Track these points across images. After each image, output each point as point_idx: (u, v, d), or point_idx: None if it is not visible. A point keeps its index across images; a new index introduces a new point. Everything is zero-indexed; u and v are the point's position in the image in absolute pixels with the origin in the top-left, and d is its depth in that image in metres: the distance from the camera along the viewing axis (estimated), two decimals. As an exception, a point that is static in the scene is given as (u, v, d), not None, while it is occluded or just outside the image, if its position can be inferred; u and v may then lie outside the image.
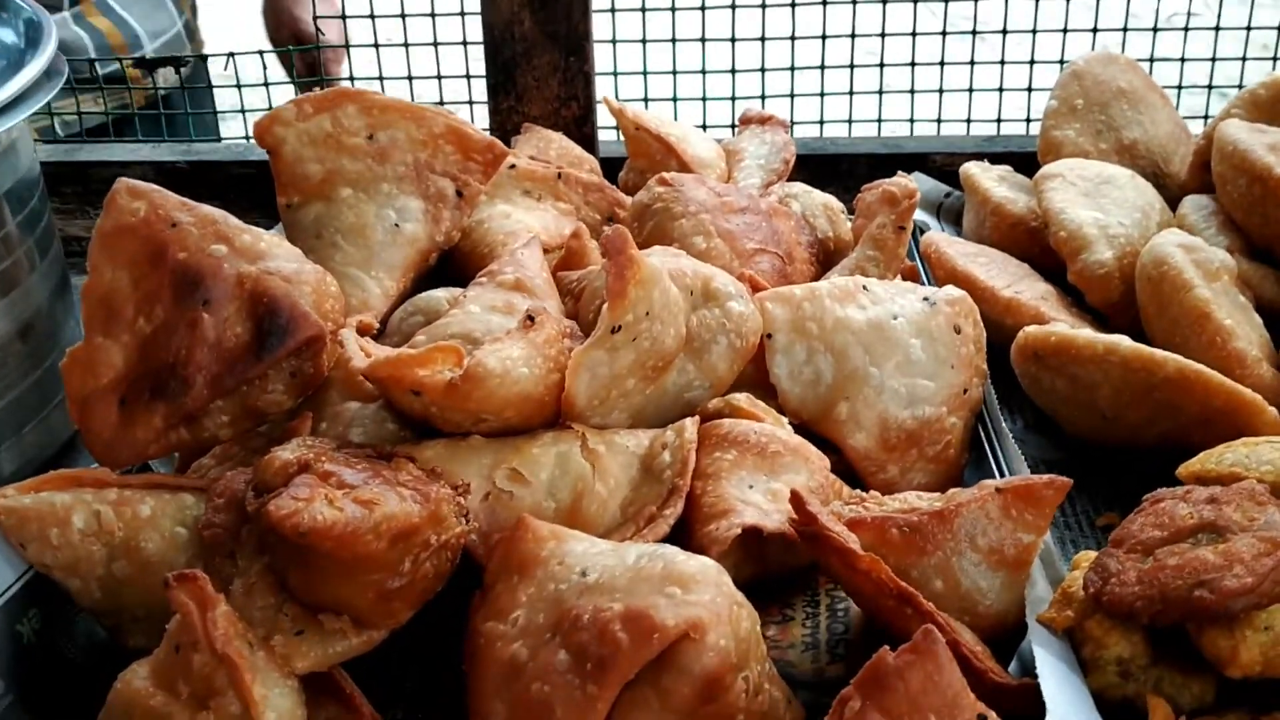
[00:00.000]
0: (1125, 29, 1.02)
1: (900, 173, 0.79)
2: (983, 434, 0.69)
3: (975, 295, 0.77)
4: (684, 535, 0.58)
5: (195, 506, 0.60)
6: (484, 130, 0.95)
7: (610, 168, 0.93)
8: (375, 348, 0.62)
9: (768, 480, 0.60)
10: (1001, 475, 0.65)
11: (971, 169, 0.90)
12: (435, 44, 1.00)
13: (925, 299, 0.69)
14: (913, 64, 1.00)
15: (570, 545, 0.54)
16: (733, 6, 0.98)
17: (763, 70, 1.00)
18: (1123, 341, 0.68)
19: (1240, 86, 0.93)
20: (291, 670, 0.52)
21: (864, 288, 0.69)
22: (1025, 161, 0.92)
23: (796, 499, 0.56)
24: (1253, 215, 0.80)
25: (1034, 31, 1.01)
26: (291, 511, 0.51)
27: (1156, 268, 0.73)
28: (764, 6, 0.98)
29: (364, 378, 0.60)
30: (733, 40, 0.99)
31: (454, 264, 0.76)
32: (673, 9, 0.98)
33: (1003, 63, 1.00)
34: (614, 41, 0.97)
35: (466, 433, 0.60)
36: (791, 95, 1.01)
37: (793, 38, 0.98)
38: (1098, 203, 0.81)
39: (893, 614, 0.53)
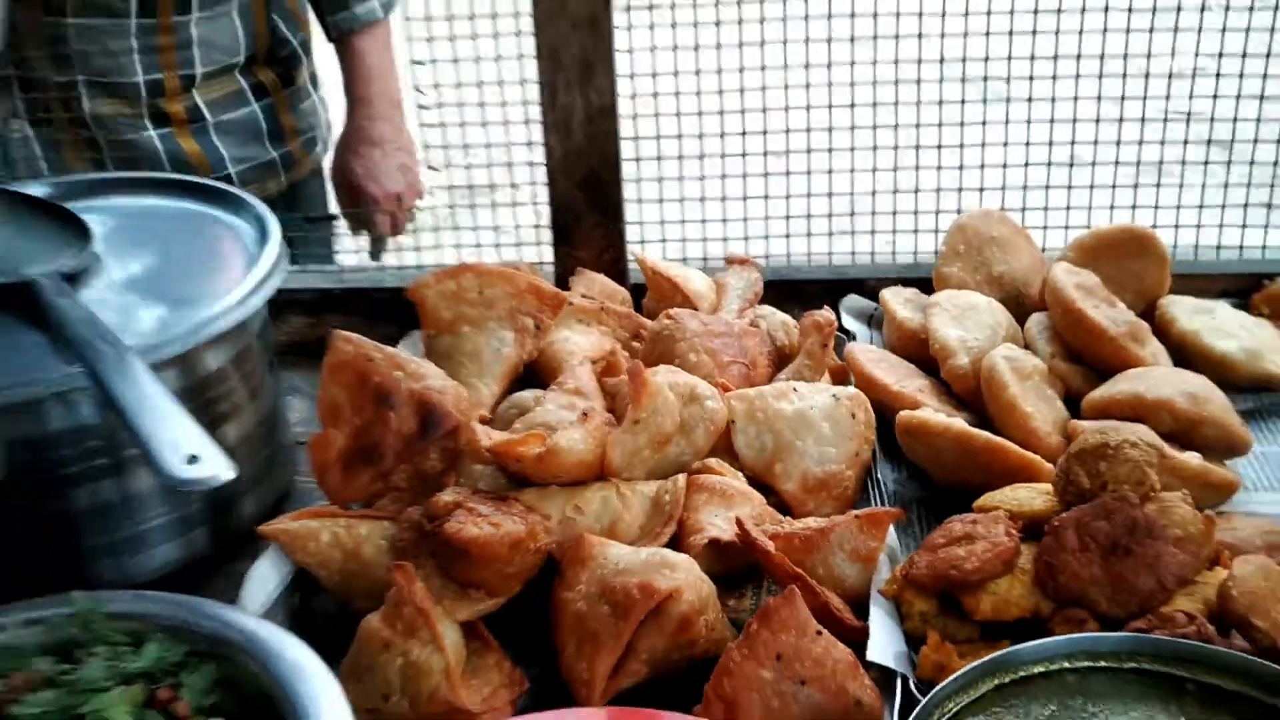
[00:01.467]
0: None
1: (827, 308, 1.19)
2: (869, 481, 1.09)
3: (875, 388, 1.17)
4: (676, 543, 0.98)
5: (389, 528, 1.00)
6: (550, 270, 1.38)
7: (638, 293, 1.34)
8: (491, 432, 1.03)
9: (726, 511, 0.99)
10: (876, 506, 1.05)
11: (886, 294, 1.30)
12: (514, 204, 1.42)
13: (834, 395, 1.09)
14: (852, 213, 1.40)
15: (610, 549, 0.94)
16: (723, 177, 1.39)
17: (745, 220, 1.40)
18: (955, 423, 1.07)
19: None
20: (454, 619, 0.92)
21: (794, 389, 1.09)
22: (931, 285, 1.32)
23: (740, 524, 0.95)
24: (1065, 331, 1.19)
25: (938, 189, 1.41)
26: (456, 530, 0.91)
27: (988, 372, 1.13)
28: (745, 176, 1.39)
29: (487, 451, 1.01)
30: (723, 199, 1.40)
31: (535, 373, 1.17)
32: (680, 178, 1.39)
33: (917, 212, 1.40)
34: (640, 202, 1.39)
35: (548, 484, 1.01)
36: (766, 237, 1.41)
37: (766, 197, 1.39)
38: (963, 324, 1.20)
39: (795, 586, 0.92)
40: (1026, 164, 1.38)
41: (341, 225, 1.64)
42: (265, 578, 0.97)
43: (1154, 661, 0.81)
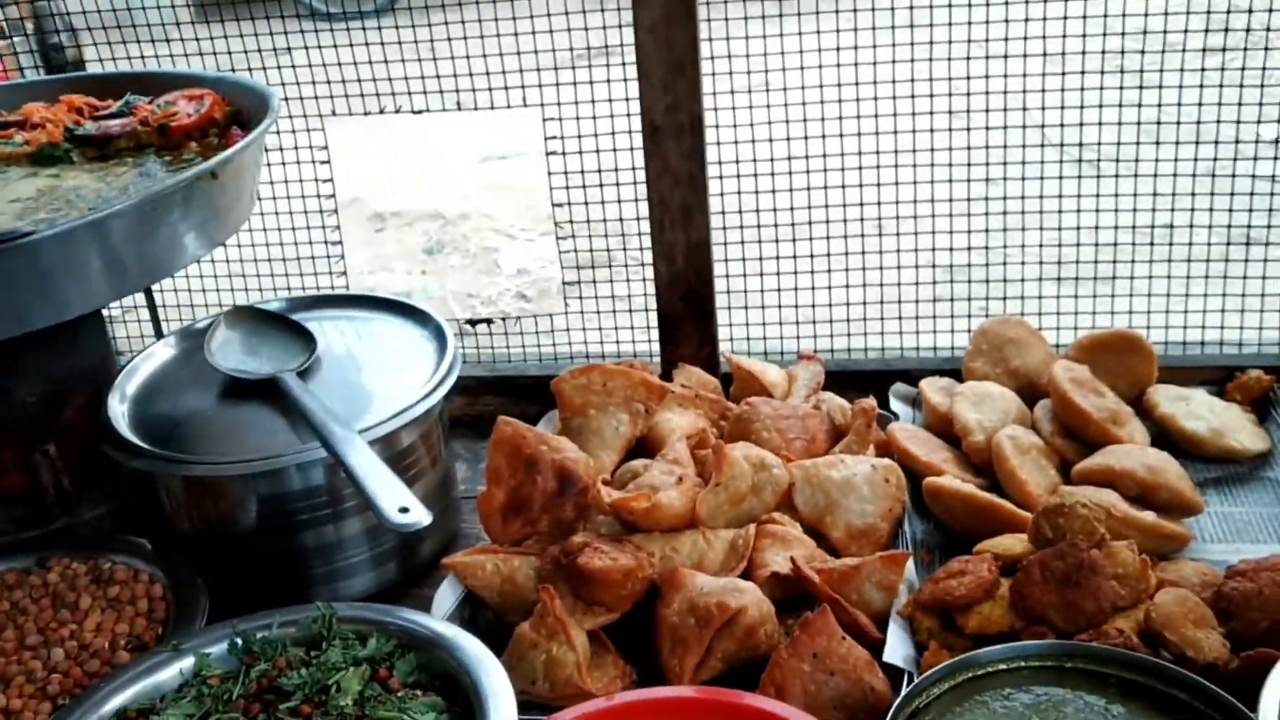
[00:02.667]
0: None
1: (871, 397, 1.52)
2: (900, 531, 1.41)
3: (909, 458, 1.49)
4: (746, 576, 1.31)
5: (535, 561, 1.35)
6: (657, 362, 1.73)
7: (725, 381, 1.69)
8: (611, 492, 1.37)
9: (785, 552, 1.32)
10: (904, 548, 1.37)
11: (924, 383, 1.62)
12: (630, 310, 1.78)
13: (872, 465, 1.42)
14: (900, 316, 1.74)
15: (697, 578, 1.27)
16: (795, 290, 1.73)
17: (814, 322, 1.75)
18: (965, 487, 1.38)
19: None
20: (583, 628, 1.27)
21: (842, 460, 1.42)
22: (961, 376, 1.64)
23: (794, 561, 1.28)
24: (1061, 415, 1.50)
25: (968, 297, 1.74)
26: (585, 562, 1.26)
27: (996, 447, 1.44)
28: (813, 289, 1.74)
29: (608, 506, 1.36)
30: (796, 306, 1.74)
31: (644, 445, 1.52)
32: (761, 290, 1.74)
33: (952, 316, 1.73)
34: (729, 309, 1.74)
35: (652, 530, 1.35)
36: (831, 335, 1.75)
37: (830, 305, 1.73)
38: (980, 408, 1.52)
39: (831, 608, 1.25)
40: (1041, 277, 1.70)
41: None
42: (447, 596, 1.33)
43: (1087, 662, 1.11)
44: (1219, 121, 1.60)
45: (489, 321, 1.83)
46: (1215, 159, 1.64)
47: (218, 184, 1.40)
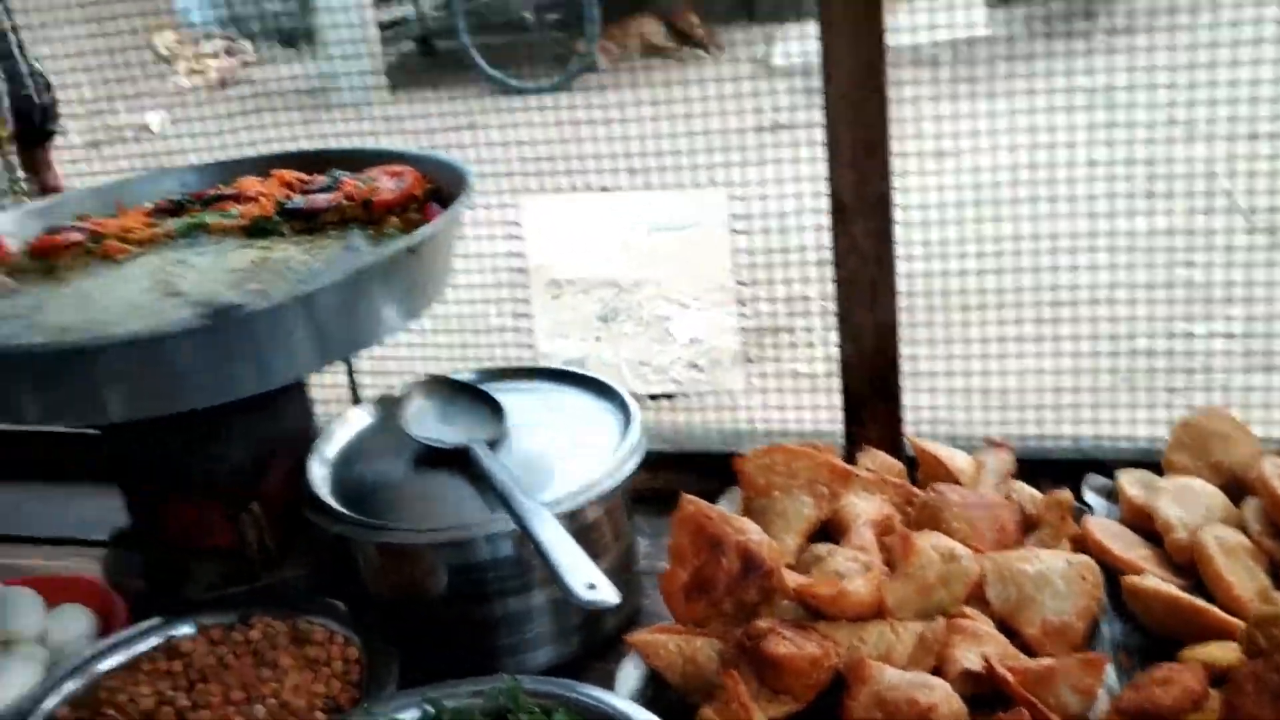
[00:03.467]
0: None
1: (1066, 489, 1.47)
2: (1097, 630, 1.36)
3: (1106, 555, 1.43)
4: (936, 672, 1.28)
5: (717, 643, 1.34)
6: (841, 443, 1.72)
7: (910, 464, 1.66)
8: (796, 576, 1.36)
9: (977, 649, 1.29)
10: (1101, 649, 1.32)
11: (1121, 476, 1.56)
12: (813, 390, 1.77)
13: (1067, 561, 1.37)
14: (1094, 405, 1.68)
15: (884, 671, 1.25)
16: (984, 372, 1.70)
17: (1003, 408, 1.71)
18: (1167, 588, 1.32)
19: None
20: (767, 716, 1.25)
21: (1037, 554, 1.38)
22: (1159, 468, 1.57)
23: (987, 659, 1.25)
24: (1271, 514, 1.43)
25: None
26: (771, 648, 1.25)
27: (1199, 547, 1.38)
28: (1003, 373, 1.70)
29: (793, 591, 1.34)
30: (985, 391, 1.71)
31: (827, 529, 1.51)
32: (949, 372, 1.71)
33: (1150, 405, 1.67)
34: (914, 390, 1.71)
35: (838, 619, 1.33)
36: (1021, 421, 1.71)
37: (1021, 390, 1.69)
38: (1183, 505, 1.46)
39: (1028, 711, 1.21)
40: (1246, 368, 1.63)
41: None
42: (630, 673, 1.33)
43: (1308, 786, 1.05)
44: None
45: (670, 396, 1.85)
46: None
47: (418, 259, 1.45)
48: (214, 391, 1.35)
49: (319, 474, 1.51)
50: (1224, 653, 1.21)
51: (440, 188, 1.69)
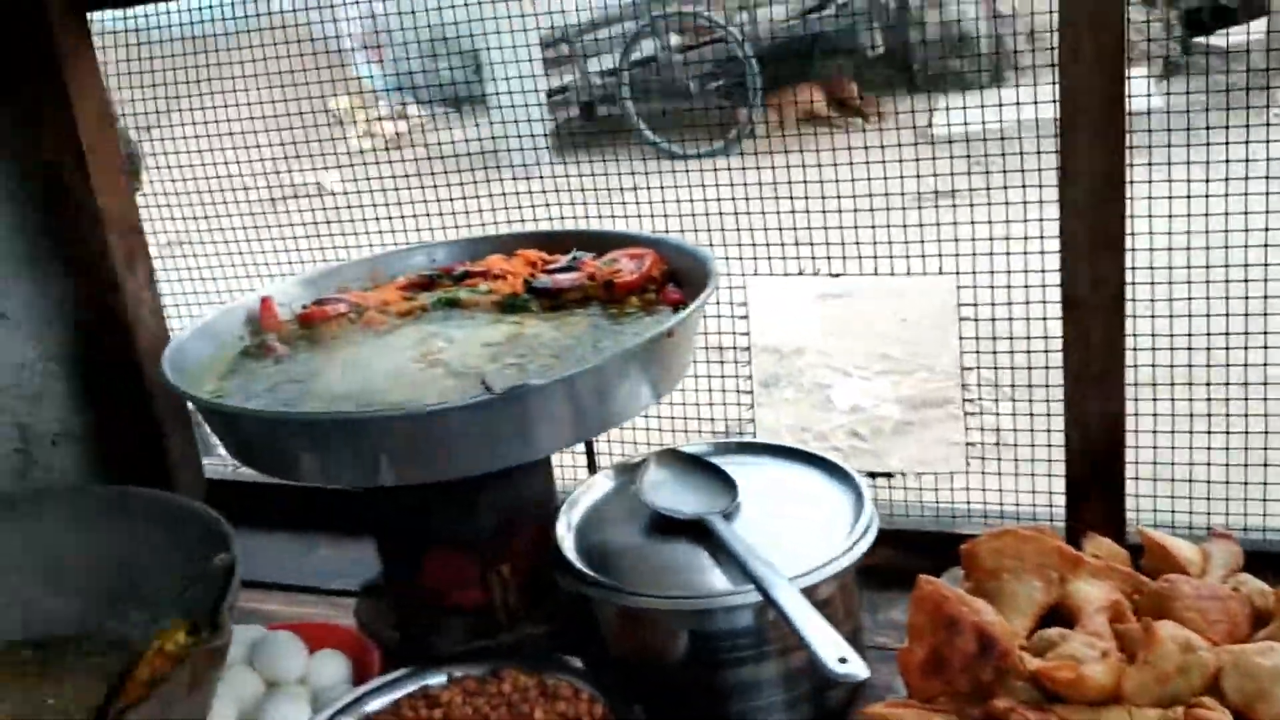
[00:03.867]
0: None
1: (1300, 582, 1.48)
2: (1338, 729, 1.36)
3: (1345, 652, 1.44)
4: (1176, 760, 1.30)
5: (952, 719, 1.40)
6: (1061, 527, 1.75)
7: (1134, 550, 1.68)
8: (1032, 658, 1.40)
9: (1217, 739, 1.31)
10: (1344, 751, 1.32)
11: (1359, 571, 1.56)
12: (1032, 475, 1.81)
13: (1305, 656, 1.38)
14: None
15: (1125, 757, 1.28)
16: (1208, 449, 1.72)
17: (1226, 499, 1.72)
18: None
19: None
20: (1008, 794, 1.29)
21: (1272, 648, 1.40)
22: None
23: (1229, 749, 1.27)
24: None
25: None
26: (1014, 729, 1.30)
27: None
28: (1227, 452, 1.72)
29: (1029, 673, 1.38)
30: (1208, 481, 1.73)
31: (1056, 613, 1.54)
32: (1171, 462, 1.74)
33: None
34: (1137, 479, 1.74)
35: (1074, 702, 1.36)
36: (1245, 514, 1.72)
37: (1246, 482, 1.70)
38: None
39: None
40: None
41: None
42: (873, 749, 1.39)
43: None
44: None
45: (889, 475, 1.90)
46: None
47: (672, 341, 1.54)
48: (481, 462, 1.46)
49: (565, 537, 1.61)
50: None
51: (676, 270, 1.79)
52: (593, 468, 1.84)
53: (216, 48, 2.54)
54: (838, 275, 1.86)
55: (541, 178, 2.28)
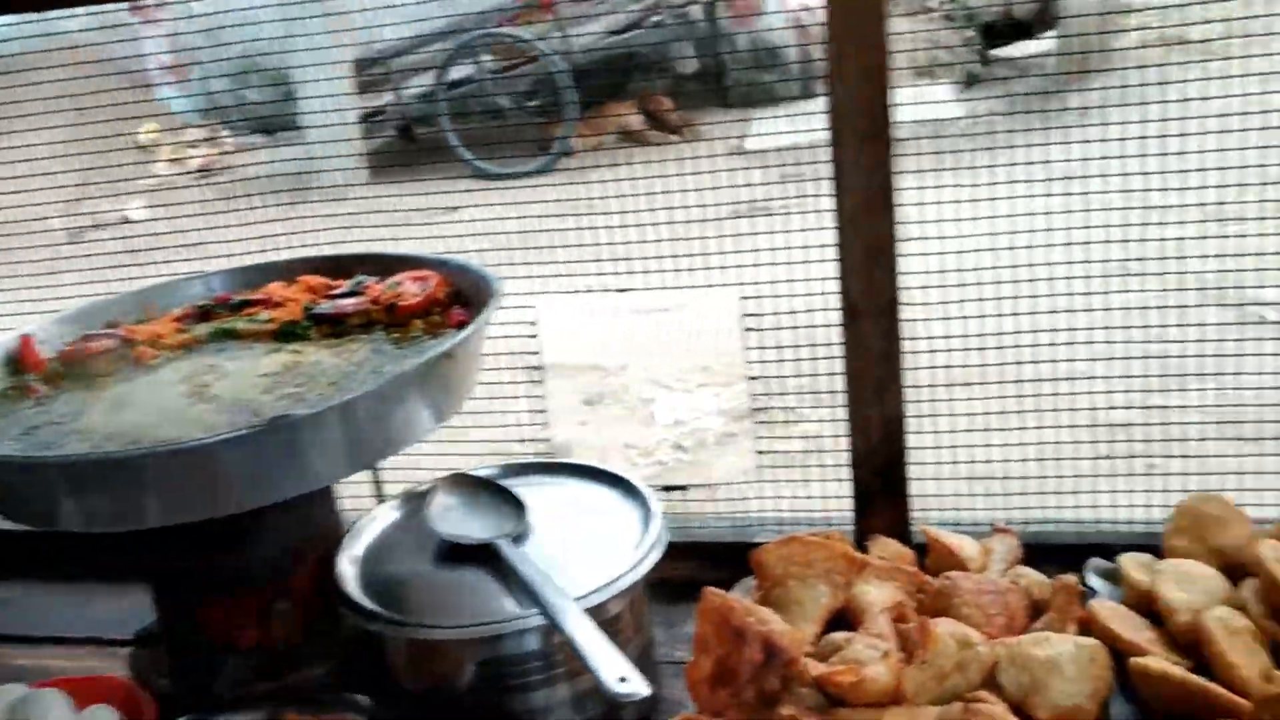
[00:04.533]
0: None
1: (1072, 574, 1.53)
2: (1106, 713, 1.40)
3: (1113, 638, 1.48)
4: (955, 755, 1.33)
5: (742, 733, 1.40)
6: (849, 533, 1.77)
7: (919, 550, 1.71)
8: (817, 664, 1.41)
9: (992, 732, 1.34)
10: (1112, 734, 1.36)
11: (1124, 560, 1.61)
12: (823, 480, 1.83)
13: (1076, 645, 1.42)
14: (1093, 490, 1.75)
15: (906, 756, 1.30)
16: (988, 460, 1.76)
17: (1004, 494, 1.77)
18: (1174, 670, 1.37)
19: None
20: (794, 802, 1.29)
21: (1046, 639, 1.43)
22: (1161, 551, 1.63)
23: (1003, 741, 1.29)
24: (1272, 596, 1.49)
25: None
26: (797, 737, 1.30)
27: (1204, 630, 1.43)
28: (1006, 460, 1.77)
29: (813, 679, 1.39)
30: (989, 477, 1.77)
31: (843, 617, 1.56)
32: (954, 461, 1.78)
33: (1148, 491, 1.73)
34: (920, 479, 1.78)
35: (857, 705, 1.37)
36: (1025, 507, 1.77)
37: (1025, 477, 1.76)
38: (1184, 588, 1.51)
39: (1046, 793, 1.25)
40: (1240, 439, 1.69)
41: None
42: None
43: None
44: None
45: (683, 488, 1.90)
46: None
47: (452, 363, 1.51)
48: (252, 496, 1.40)
49: (348, 571, 1.55)
50: (1232, 733, 1.26)
51: (461, 290, 1.75)
52: (380, 498, 1.79)
53: (4, 69, 2.41)
54: (624, 291, 1.85)
55: (357, 199, 2.21)
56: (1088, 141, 1.79)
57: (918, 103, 1.90)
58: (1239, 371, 1.69)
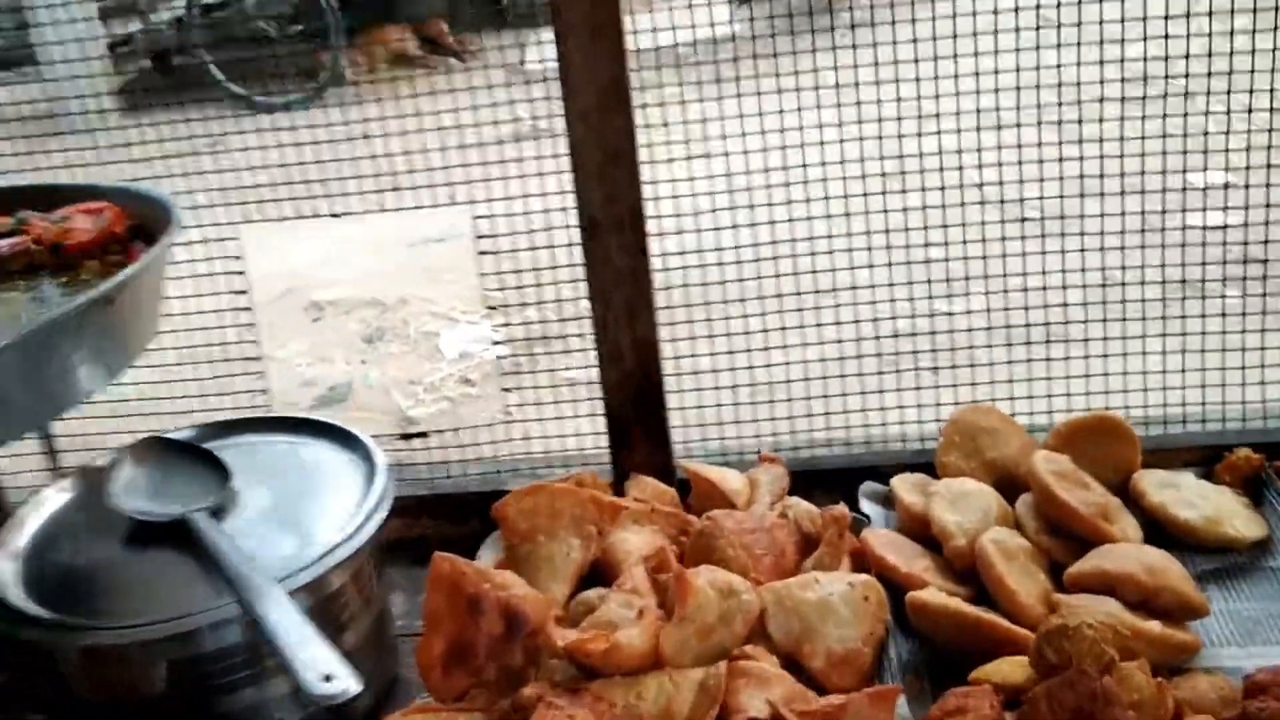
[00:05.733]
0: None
1: (842, 504, 1.40)
2: (884, 656, 1.29)
3: (887, 569, 1.36)
4: (721, 721, 1.18)
5: (482, 719, 1.22)
6: (609, 473, 1.61)
7: (684, 488, 1.56)
8: (565, 633, 1.24)
9: (762, 693, 1.19)
10: (890, 680, 1.24)
11: (896, 482, 1.50)
12: (575, 416, 1.66)
13: (849, 583, 1.29)
14: (863, 409, 1.63)
15: (665, 730, 1.15)
16: (752, 384, 1.62)
17: (772, 419, 1.63)
18: (952, 602, 1.26)
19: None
20: (542, 794, 1.13)
21: (816, 579, 1.30)
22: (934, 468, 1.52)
23: (771, 704, 1.16)
24: (1046, 511, 1.39)
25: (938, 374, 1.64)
26: (540, 721, 1.13)
27: (980, 553, 1.33)
28: (770, 383, 1.63)
29: (563, 650, 1.22)
30: (753, 402, 1.63)
31: (598, 570, 1.39)
32: (716, 387, 1.63)
33: (919, 406, 1.62)
34: (682, 409, 1.62)
35: (613, 675, 1.21)
36: (792, 432, 1.64)
37: (789, 398, 1.62)
38: (958, 509, 1.40)
39: (819, 756, 1.12)
40: (1009, 344, 1.60)
41: None
42: (383, 768, 1.19)
43: (1110, 810, 0.99)
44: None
45: (424, 435, 1.70)
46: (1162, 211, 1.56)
47: (115, 308, 1.26)
48: None
49: (7, 570, 1.30)
50: (1015, 670, 1.15)
51: (145, 224, 1.49)
52: (56, 476, 1.52)
53: None
54: (338, 215, 1.62)
55: (109, 130, 1.90)
56: (856, 47, 1.66)
57: (693, 25, 1.74)
58: (1006, 274, 1.59)
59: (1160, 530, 1.40)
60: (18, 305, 1.36)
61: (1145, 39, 1.48)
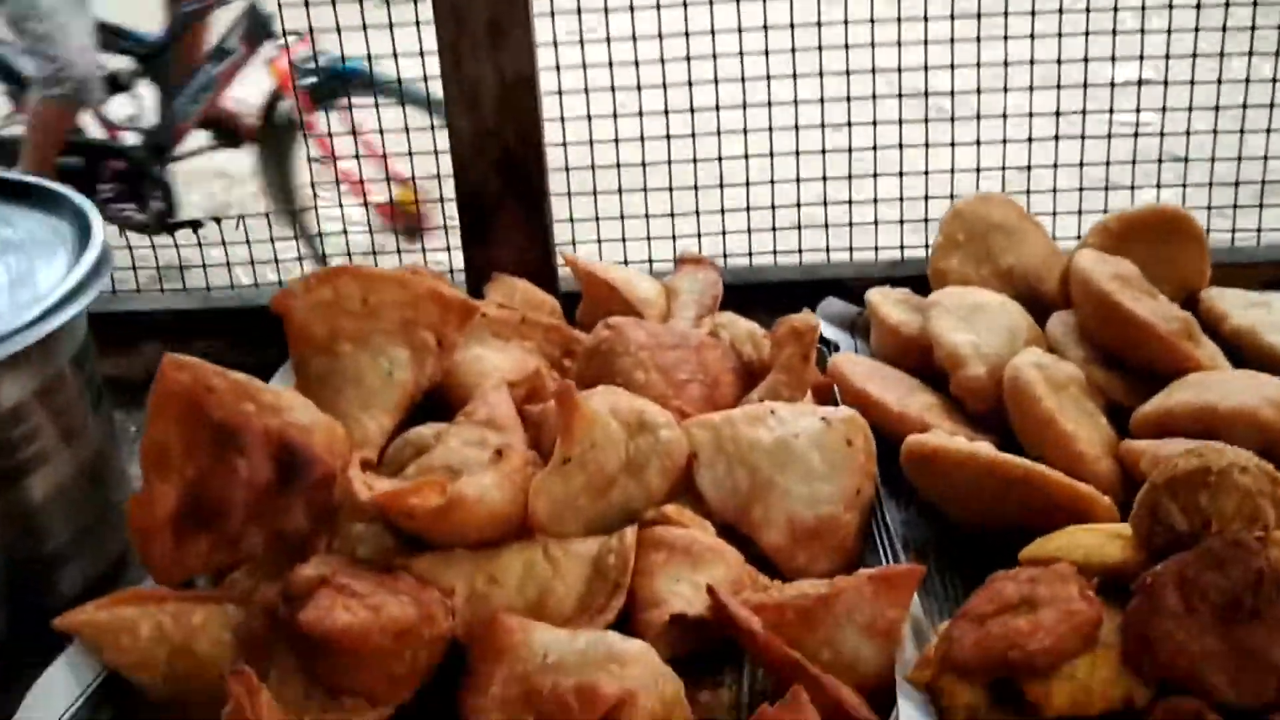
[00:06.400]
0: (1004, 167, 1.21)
1: (806, 311, 0.95)
2: (874, 526, 0.85)
3: (871, 408, 0.93)
4: (626, 622, 0.73)
5: (236, 614, 0.75)
6: (460, 277, 1.13)
7: (569, 301, 1.10)
8: (376, 480, 0.77)
9: (692, 574, 0.74)
10: (887, 561, 0.81)
11: (874, 295, 1.06)
12: (417, 201, 1.17)
13: (823, 419, 0.85)
14: (825, 202, 1.17)
15: (535, 634, 0.69)
16: (669, 162, 1.15)
17: (697, 213, 1.17)
18: (982, 448, 0.83)
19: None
20: (318, 742, 0.67)
21: (771, 412, 0.85)
22: (925, 283, 1.08)
23: (712, 592, 0.71)
24: (1101, 332, 0.96)
25: (926, 173, 1.19)
26: (317, 618, 0.66)
27: (1014, 383, 0.89)
28: (695, 161, 1.16)
29: (369, 505, 0.75)
30: (670, 189, 1.16)
31: (438, 401, 0.92)
32: (618, 165, 1.15)
33: (902, 199, 1.17)
34: (570, 195, 1.14)
35: (452, 546, 0.75)
36: (723, 233, 1.18)
37: (721, 185, 1.16)
38: (973, 326, 0.97)
39: (790, 678, 0.68)
40: (1030, 138, 1.16)
41: None
42: (57, 690, 0.70)
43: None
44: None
45: (197, 224, 1.20)
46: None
47: None
48: None
49: None
50: (1106, 544, 0.71)
51: None
52: None
53: None
54: None
55: None
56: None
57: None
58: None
59: (1246, 365, 0.97)
60: None
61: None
